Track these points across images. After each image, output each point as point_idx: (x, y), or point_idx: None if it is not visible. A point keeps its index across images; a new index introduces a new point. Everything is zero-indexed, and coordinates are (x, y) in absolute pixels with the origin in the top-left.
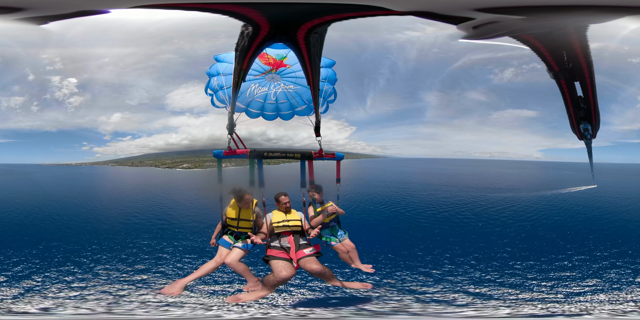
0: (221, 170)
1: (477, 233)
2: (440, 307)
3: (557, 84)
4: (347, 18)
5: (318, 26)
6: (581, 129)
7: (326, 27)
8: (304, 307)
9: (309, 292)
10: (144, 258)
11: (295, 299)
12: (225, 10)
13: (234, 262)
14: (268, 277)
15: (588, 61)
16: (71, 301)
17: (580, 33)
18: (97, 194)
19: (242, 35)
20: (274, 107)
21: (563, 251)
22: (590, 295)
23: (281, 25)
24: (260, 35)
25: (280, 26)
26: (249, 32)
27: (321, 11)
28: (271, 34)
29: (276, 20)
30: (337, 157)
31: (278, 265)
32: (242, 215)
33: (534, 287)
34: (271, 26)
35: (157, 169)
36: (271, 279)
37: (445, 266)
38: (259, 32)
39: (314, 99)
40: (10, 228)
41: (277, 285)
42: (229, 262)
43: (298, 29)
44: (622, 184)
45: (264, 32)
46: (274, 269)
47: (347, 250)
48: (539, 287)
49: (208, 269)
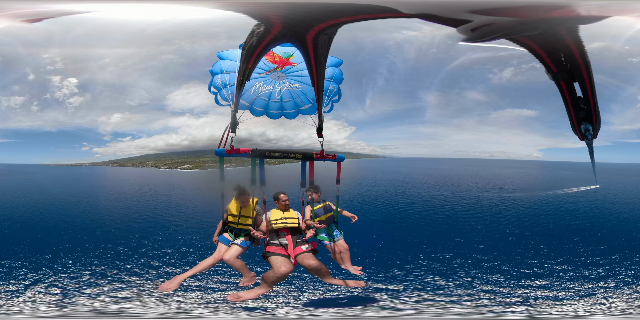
0: (223, 168)
1: (494, 235)
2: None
3: (557, 85)
4: (359, 20)
5: (330, 27)
6: (582, 130)
7: (337, 28)
8: (303, 307)
9: (307, 293)
10: (156, 257)
11: (294, 299)
12: (243, 8)
13: (232, 259)
14: (268, 273)
15: (585, 61)
16: (81, 298)
17: (573, 34)
18: (104, 195)
19: (252, 34)
20: (278, 105)
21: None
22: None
23: (294, 26)
24: (271, 34)
25: (293, 26)
26: (260, 31)
27: (337, 12)
28: (282, 33)
29: (291, 20)
30: (338, 159)
31: (277, 261)
32: (243, 212)
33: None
34: (284, 26)
35: (158, 170)
36: (271, 275)
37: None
38: (269, 32)
39: (317, 101)
40: (17, 230)
41: (276, 281)
42: (227, 258)
43: (309, 29)
44: (625, 185)
45: (275, 31)
46: (273, 265)
47: (339, 251)
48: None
49: (206, 265)
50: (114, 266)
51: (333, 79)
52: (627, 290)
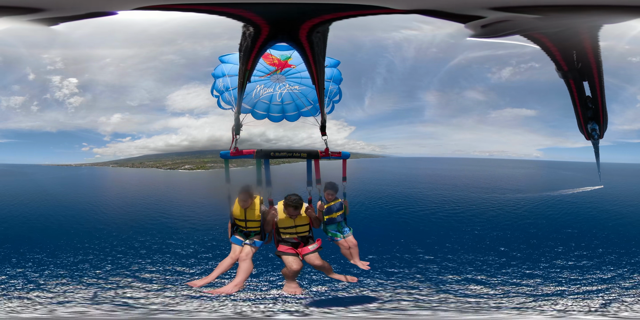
0: (228, 170)
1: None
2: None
3: (566, 83)
4: (346, 17)
5: (319, 25)
6: (589, 129)
7: (327, 26)
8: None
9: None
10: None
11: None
12: (221, 12)
13: (245, 258)
14: (284, 270)
15: (598, 61)
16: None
17: (592, 33)
18: (114, 197)
19: (244, 36)
20: (279, 108)
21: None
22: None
23: (281, 25)
24: (262, 35)
25: (280, 26)
26: (250, 32)
27: (318, 10)
28: (272, 33)
29: (274, 20)
30: (344, 156)
31: (289, 260)
32: (249, 216)
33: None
34: (271, 26)
35: (159, 171)
36: (286, 272)
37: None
38: (260, 33)
39: (319, 99)
40: (25, 232)
41: (293, 276)
42: (243, 258)
43: (299, 28)
44: (627, 185)
45: (265, 32)
46: (286, 264)
47: (349, 246)
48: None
49: (226, 265)
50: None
51: (332, 80)
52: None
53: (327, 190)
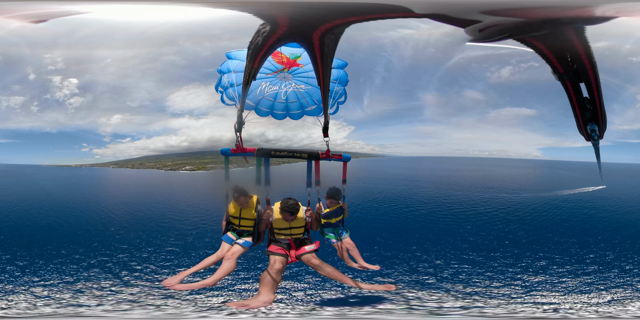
0: (228, 167)
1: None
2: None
3: (563, 85)
4: (367, 20)
5: (337, 27)
6: (588, 130)
7: (344, 28)
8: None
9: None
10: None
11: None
12: (249, 7)
13: (230, 258)
14: (263, 273)
15: (591, 62)
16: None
17: (580, 35)
18: (119, 198)
19: (257, 33)
20: (283, 106)
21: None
22: None
23: (300, 25)
24: (277, 34)
25: (299, 26)
26: (265, 30)
27: (345, 12)
28: (288, 33)
29: (297, 20)
30: (344, 158)
31: (274, 259)
32: (244, 214)
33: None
34: (290, 26)
35: (160, 171)
36: (264, 276)
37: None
38: (275, 31)
39: (323, 100)
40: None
41: (273, 278)
42: (228, 256)
43: (316, 29)
44: (629, 185)
45: (281, 31)
46: (270, 262)
47: (346, 249)
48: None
49: (209, 262)
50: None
51: (338, 81)
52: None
53: (330, 199)
